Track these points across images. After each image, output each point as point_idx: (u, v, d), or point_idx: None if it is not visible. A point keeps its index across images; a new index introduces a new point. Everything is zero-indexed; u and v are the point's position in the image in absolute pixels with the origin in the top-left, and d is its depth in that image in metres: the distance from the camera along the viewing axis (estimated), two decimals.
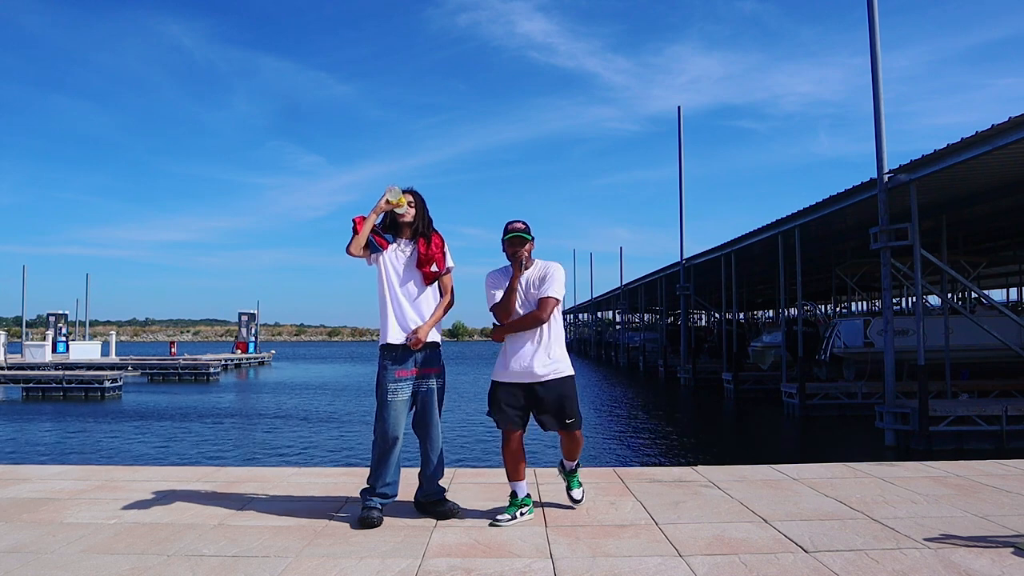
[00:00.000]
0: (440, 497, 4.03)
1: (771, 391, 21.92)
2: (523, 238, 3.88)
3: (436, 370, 4.04)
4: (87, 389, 26.88)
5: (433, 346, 4.05)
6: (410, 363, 3.97)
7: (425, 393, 3.99)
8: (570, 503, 4.19)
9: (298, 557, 3.32)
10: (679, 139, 29.68)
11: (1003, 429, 13.63)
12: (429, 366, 4.01)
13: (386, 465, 3.94)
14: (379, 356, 4.00)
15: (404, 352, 3.96)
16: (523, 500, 3.94)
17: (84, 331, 54.96)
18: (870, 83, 13.90)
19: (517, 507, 3.91)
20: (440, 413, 4.09)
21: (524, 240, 3.88)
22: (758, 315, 56.60)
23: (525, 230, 3.91)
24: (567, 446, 4.11)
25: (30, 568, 3.19)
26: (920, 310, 14.77)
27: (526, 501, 3.95)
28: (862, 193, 15.32)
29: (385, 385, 3.92)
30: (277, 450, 14.83)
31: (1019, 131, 11.07)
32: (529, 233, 3.91)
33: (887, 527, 3.77)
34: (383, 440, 3.94)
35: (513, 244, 3.90)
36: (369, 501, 3.90)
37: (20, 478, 5.08)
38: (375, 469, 3.96)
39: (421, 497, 4.05)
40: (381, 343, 4.00)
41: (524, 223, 3.96)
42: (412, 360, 3.97)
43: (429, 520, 3.93)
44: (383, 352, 3.99)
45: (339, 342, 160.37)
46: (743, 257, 24.80)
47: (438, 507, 3.98)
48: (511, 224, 3.94)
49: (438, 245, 4.08)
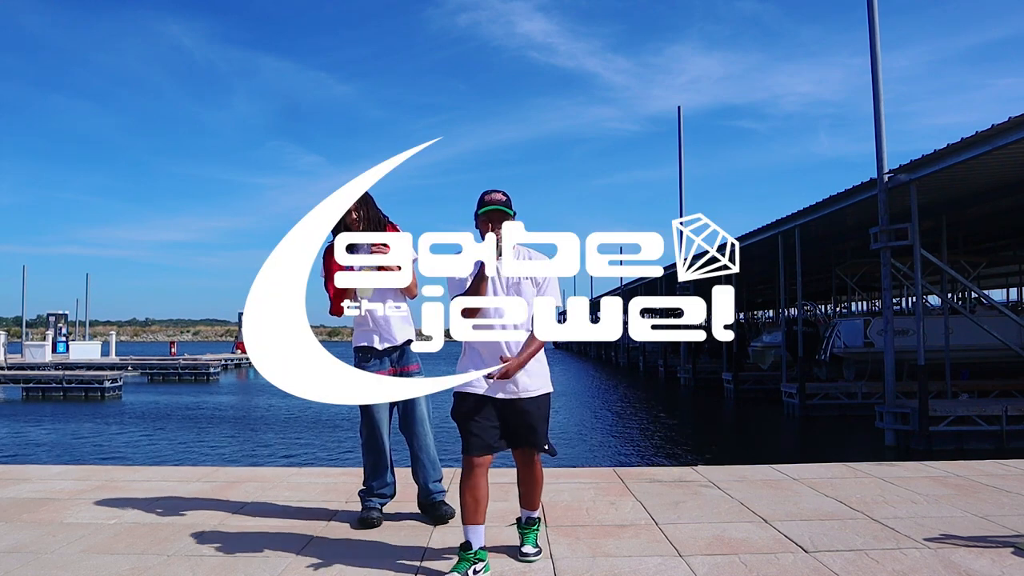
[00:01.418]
0: (437, 500, 3.96)
1: (771, 391, 21.90)
2: (503, 213, 3.04)
3: (415, 367, 3.95)
4: (87, 389, 26.86)
5: (406, 343, 3.92)
6: (385, 363, 3.91)
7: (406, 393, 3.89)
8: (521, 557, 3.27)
9: (298, 557, 3.32)
10: (679, 139, 29.67)
11: (1003, 429, 13.63)
12: (407, 363, 3.93)
13: (378, 467, 3.92)
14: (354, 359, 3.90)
15: (379, 353, 3.90)
16: (477, 554, 3.04)
17: (84, 331, 54.95)
18: (870, 83, 13.91)
19: (470, 563, 3.01)
20: (428, 412, 4.00)
21: (505, 215, 3.03)
22: (758, 315, 56.58)
23: (506, 203, 3.07)
24: (526, 484, 3.28)
25: (30, 568, 3.19)
26: (920, 310, 14.78)
27: (480, 555, 3.04)
28: (862, 193, 15.32)
29: None
30: (277, 450, 14.83)
31: (1019, 131, 11.07)
32: (511, 208, 3.08)
33: (887, 527, 3.77)
34: (369, 443, 3.92)
35: (492, 219, 3.03)
36: (368, 502, 3.89)
37: (20, 478, 5.08)
38: (369, 472, 3.95)
39: (420, 498, 4.03)
40: (355, 345, 3.96)
41: (505, 193, 3.11)
42: (387, 360, 3.91)
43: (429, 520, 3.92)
44: (357, 355, 3.94)
45: (339, 342, 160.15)
46: (743, 257, 24.62)
47: (435, 510, 3.92)
48: (488, 195, 3.08)
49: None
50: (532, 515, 3.36)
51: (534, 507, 3.34)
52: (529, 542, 3.32)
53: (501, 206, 3.05)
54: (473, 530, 3.06)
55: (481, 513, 3.07)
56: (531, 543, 3.32)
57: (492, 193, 3.10)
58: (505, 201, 3.08)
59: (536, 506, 3.35)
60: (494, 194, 3.09)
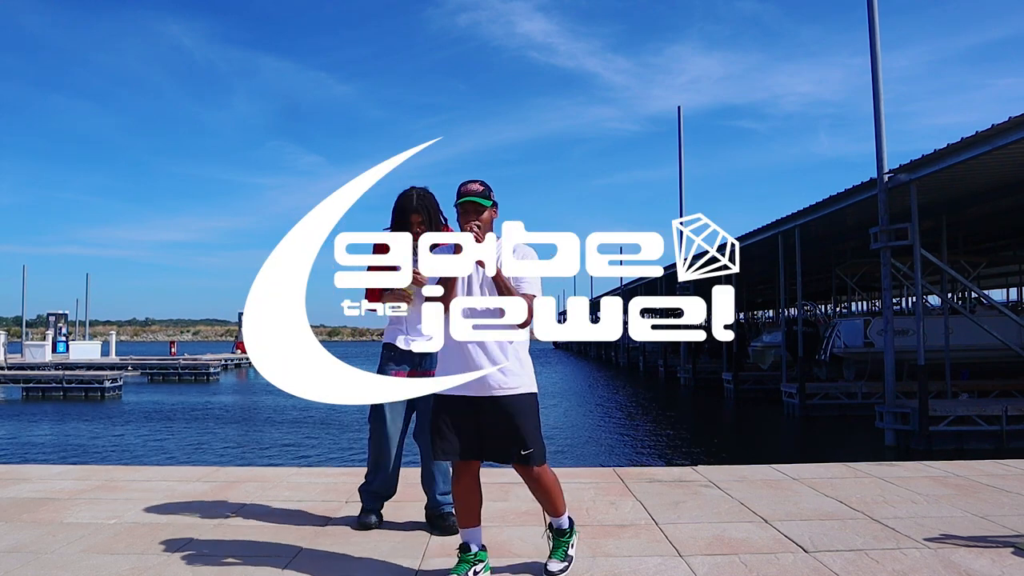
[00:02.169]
0: (445, 511, 3.77)
1: (771, 391, 21.91)
2: (477, 204, 2.97)
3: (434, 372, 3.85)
4: (87, 389, 26.87)
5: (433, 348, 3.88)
6: (409, 364, 3.84)
7: (425, 397, 3.69)
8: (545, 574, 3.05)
9: (298, 557, 3.31)
10: (679, 139, 29.67)
11: (1003, 429, 13.64)
12: (431, 368, 3.80)
13: (380, 467, 3.84)
14: (380, 355, 3.90)
15: (402, 353, 3.82)
16: (477, 555, 3.02)
17: (84, 331, 54.92)
18: (870, 83, 13.91)
19: (470, 564, 2.99)
20: None
21: (479, 207, 2.97)
22: (758, 315, 56.58)
23: (483, 193, 2.99)
24: (536, 494, 3.10)
25: (30, 568, 3.19)
26: (920, 310, 14.78)
27: (480, 556, 3.03)
28: (862, 193, 15.32)
29: None
30: (277, 450, 14.83)
31: (1019, 131, 11.07)
32: (489, 198, 3.01)
33: (887, 527, 3.77)
34: (376, 441, 3.84)
35: (466, 211, 2.97)
36: (367, 504, 3.85)
37: (20, 478, 5.08)
38: (371, 471, 3.88)
39: (428, 508, 3.89)
40: (384, 341, 3.90)
41: (483, 184, 3.04)
42: (412, 362, 3.84)
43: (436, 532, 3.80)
44: (384, 351, 3.89)
45: (339, 342, 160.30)
46: (743, 257, 24.63)
47: (443, 520, 3.74)
48: (464, 185, 3.01)
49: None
50: (558, 523, 3.11)
51: (556, 513, 3.10)
52: (556, 556, 3.08)
53: (476, 197, 2.96)
54: (469, 532, 3.04)
55: (474, 516, 3.04)
56: (558, 557, 3.07)
57: (468, 184, 3.01)
58: (481, 192, 2.98)
59: (558, 512, 3.10)
60: (470, 185, 3.01)
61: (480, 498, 3.07)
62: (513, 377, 2.96)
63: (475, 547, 3.03)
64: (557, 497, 3.08)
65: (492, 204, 3.03)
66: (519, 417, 2.95)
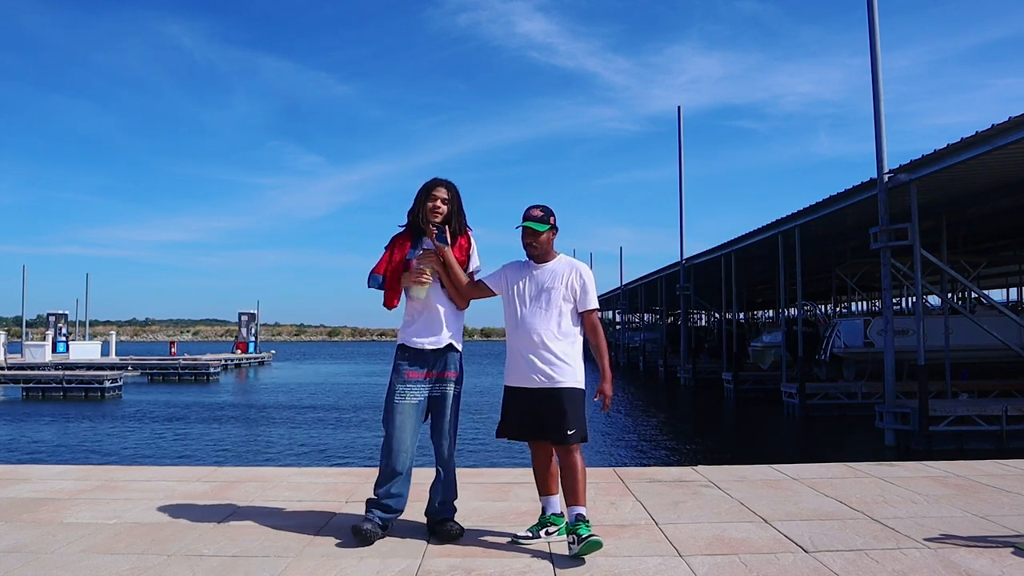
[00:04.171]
0: (444, 516, 3.65)
1: (771, 391, 21.92)
2: (533, 230, 3.47)
3: (453, 374, 3.71)
4: (87, 389, 26.88)
5: (451, 349, 3.72)
6: (424, 365, 3.70)
7: (440, 399, 3.69)
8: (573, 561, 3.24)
9: (298, 557, 3.31)
10: (679, 139, 29.71)
11: (1003, 429, 13.65)
12: (446, 369, 3.72)
13: (390, 475, 3.59)
14: (394, 356, 3.77)
15: (418, 354, 3.69)
16: (550, 518, 3.58)
17: (84, 331, 54.94)
18: (870, 83, 13.92)
19: (543, 525, 3.56)
20: (456, 424, 3.76)
21: (536, 233, 3.47)
22: (758, 315, 56.58)
23: (540, 218, 3.48)
24: (563, 475, 3.45)
25: (30, 568, 3.19)
26: (920, 310, 14.78)
27: (554, 520, 3.57)
28: (862, 193, 15.33)
29: (393, 386, 3.65)
30: (277, 450, 14.83)
31: (1019, 131, 11.08)
32: (546, 222, 3.49)
33: (887, 527, 3.77)
34: (387, 446, 3.64)
35: (525, 236, 3.50)
36: (369, 513, 3.60)
37: (20, 478, 5.08)
38: (380, 478, 3.66)
39: (426, 513, 3.77)
40: (398, 343, 3.78)
41: (543, 209, 3.51)
42: (427, 362, 3.70)
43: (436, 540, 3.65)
44: (398, 352, 3.76)
45: (339, 342, 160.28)
46: (743, 257, 24.79)
47: (440, 526, 3.62)
48: (527, 210, 3.52)
49: (463, 248, 3.77)
50: (577, 511, 3.35)
51: (575, 501, 3.37)
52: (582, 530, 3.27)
53: (534, 222, 3.46)
54: (546, 500, 3.61)
55: (549, 485, 3.59)
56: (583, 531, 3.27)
57: (530, 209, 3.51)
58: (540, 217, 3.47)
59: (576, 501, 3.36)
60: (532, 210, 3.50)
61: (554, 472, 3.55)
62: (567, 375, 3.47)
63: (550, 511, 3.59)
64: (582, 486, 3.42)
65: (550, 227, 3.51)
66: (567, 403, 3.43)
